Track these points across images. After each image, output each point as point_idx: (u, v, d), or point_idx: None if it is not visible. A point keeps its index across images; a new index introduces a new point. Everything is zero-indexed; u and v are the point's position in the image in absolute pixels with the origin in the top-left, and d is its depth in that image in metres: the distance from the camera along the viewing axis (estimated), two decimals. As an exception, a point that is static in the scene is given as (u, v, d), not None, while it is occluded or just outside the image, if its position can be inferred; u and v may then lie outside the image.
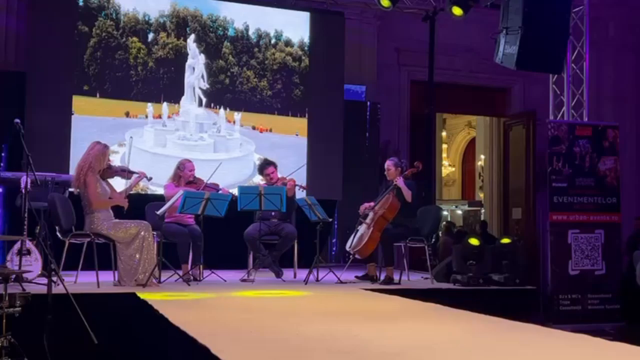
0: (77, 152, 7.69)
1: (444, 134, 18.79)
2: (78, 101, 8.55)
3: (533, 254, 10.02)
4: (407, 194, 6.90)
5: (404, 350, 3.43)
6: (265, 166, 7.66)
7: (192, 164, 7.25)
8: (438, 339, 3.79)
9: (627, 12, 11.89)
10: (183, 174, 7.15)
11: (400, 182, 6.93)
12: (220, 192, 7.08)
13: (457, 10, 8.92)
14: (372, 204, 7.33)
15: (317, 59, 9.74)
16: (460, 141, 19.43)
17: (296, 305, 5.42)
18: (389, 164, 7.21)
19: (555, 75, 7.97)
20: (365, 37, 10.85)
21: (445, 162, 19.10)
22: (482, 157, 14.70)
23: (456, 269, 7.12)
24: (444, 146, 19.03)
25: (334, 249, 10.01)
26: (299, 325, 4.20)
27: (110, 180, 6.45)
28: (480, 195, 15.80)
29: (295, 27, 9.72)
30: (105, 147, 6.35)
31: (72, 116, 8.47)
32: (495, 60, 7.30)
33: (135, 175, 6.51)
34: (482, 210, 14.70)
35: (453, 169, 19.55)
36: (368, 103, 10.47)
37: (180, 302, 5.23)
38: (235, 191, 7.25)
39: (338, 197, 9.63)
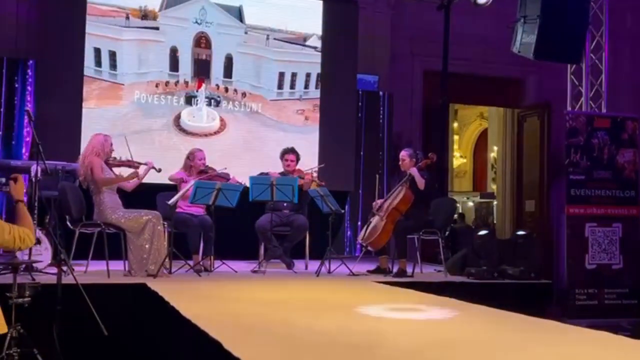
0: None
1: (455, 125, 18.64)
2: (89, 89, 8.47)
3: (547, 247, 9.89)
4: (420, 182, 6.80)
5: (423, 348, 3.33)
6: (288, 152, 7.54)
7: (203, 153, 7.17)
8: (458, 336, 3.70)
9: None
10: (194, 163, 7.09)
11: (413, 171, 6.84)
12: (230, 181, 7.01)
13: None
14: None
15: (330, 49, 9.61)
16: (472, 132, 19.29)
17: (309, 298, 5.34)
18: (403, 154, 7.11)
19: (573, 66, 7.83)
20: (379, 27, 10.69)
21: (456, 154, 18.96)
22: (495, 148, 14.56)
23: (470, 262, 7.03)
24: (456, 137, 18.89)
25: (346, 240, 9.91)
26: (313, 319, 4.11)
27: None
28: (493, 187, 15.67)
29: (308, 16, 9.58)
30: (107, 136, 6.32)
31: (83, 104, 8.38)
32: (513, 49, 7.16)
33: (143, 167, 6.44)
34: (495, 202, 14.57)
35: (464, 160, 19.41)
36: (381, 93, 10.35)
37: (191, 294, 5.16)
38: (247, 181, 7.14)
39: (350, 188, 9.54)
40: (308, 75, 8.78)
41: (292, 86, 8.62)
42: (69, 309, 4.64)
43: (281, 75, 8.59)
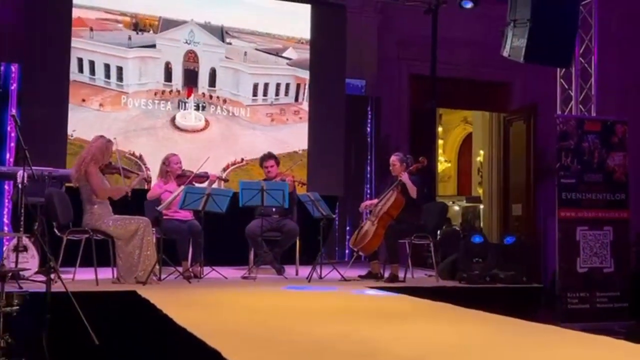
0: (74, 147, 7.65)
1: (439, 129, 18.65)
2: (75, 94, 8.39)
3: (534, 251, 9.90)
4: (412, 190, 6.76)
5: (423, 355, 3.28)
6: (266, 159, 7.51)
7: (178, 157, 7.11)
8: (457, 343, 3.65)
9: (628, 6, 11.78)
10: (170, 168, 7.01)
11: (405, 177, 6.80)
12: (210, 179, 6.99)
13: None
14: (373, 201, 7.21)
15: (318, 53, 9.57)
16: (456, 137, 19.31)
17: (304, 304, 5.27)
18: (394, 159, 7.06)
19: (563, 69, 7.82)
20: (366, 31, 10.67)
21: (441, 158, 18.96)
22: (482, 152, 14.57)
23: (461, 266, 7.00)
24: (440, 142, 18.90)
25: (337, 245, 9.84)
26: (311, 326, 4.05)
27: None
28: (479, 191, 15.68)
29: (296, 20, 9.54)
30: (109, 141, 6.19)
31: (69, 109, 8.30)
32: (503, 53, 7.13)
33: (135, 176, 6.36)
34: (481, 207, 14.58)
35: (449, 164, 19.43)
36: (369, 97, 10.32)
37: (183, 301, 5.07)
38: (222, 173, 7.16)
39: (339, 192, 9.49)
40: (278, 84, 9.59)
41: (265, 94, 9.51)
42: (58, 317, 4.54)
43: (255, 85, 9.48)
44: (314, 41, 9.59)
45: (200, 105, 9.10)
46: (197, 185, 6.95)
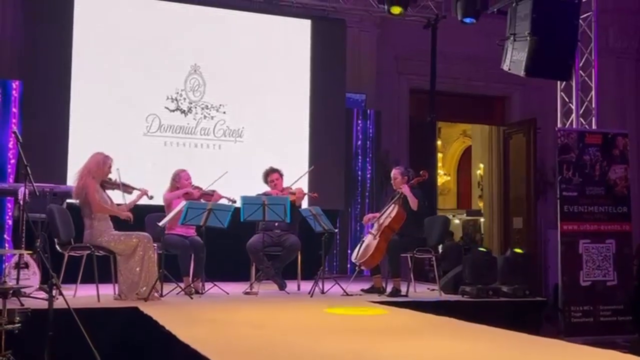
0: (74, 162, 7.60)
1: (439, 142, 18.70)
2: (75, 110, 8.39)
3: (536, 264, 9.88)
4: (413, 202, 6.76)
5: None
6: (270, 173, 7.48)
7: (187, 173, 7.09)
8: (461, 358, 3.62)
9: (625, 19, 11.85)
10: (180, 184, 7.00)
11: (406, 189, 6.79)
12: (214, 196, 6.95)
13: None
14: (376, 214, 7.19)
15: (318, 67, 9.59)
16: (455, 150, 19.35)
17: (307, 320, 5.23)
18: (395, 172, 7.07)
19: (564, 83, 7.83)
20: (365, 45, 10.73)
21: (440, 171, 18.98)
22: (481, 165, 14.59)
23: (465, 280, 6.97)
24: (439, 155, 18.93)
25: (336, 260, 9.81)
26: (315, 342, 4.02)
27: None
28: (480, 205, 15.68)
29: (296, 34, 9.57)
30: (107, 157, 6.16)
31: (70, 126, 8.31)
32: (503, 66, 7.16)
33: (136, 192, 6.34)
34: (482, 220, 14.57)
35: (448, 177, 19.45)
36: (369, 111, 10.34)
37: (186, 317, 5.04)
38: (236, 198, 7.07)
39: (340, 206, 9.47)
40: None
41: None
42: (60, 334, 4.49)
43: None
44: (314, 56, 9.60)
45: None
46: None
